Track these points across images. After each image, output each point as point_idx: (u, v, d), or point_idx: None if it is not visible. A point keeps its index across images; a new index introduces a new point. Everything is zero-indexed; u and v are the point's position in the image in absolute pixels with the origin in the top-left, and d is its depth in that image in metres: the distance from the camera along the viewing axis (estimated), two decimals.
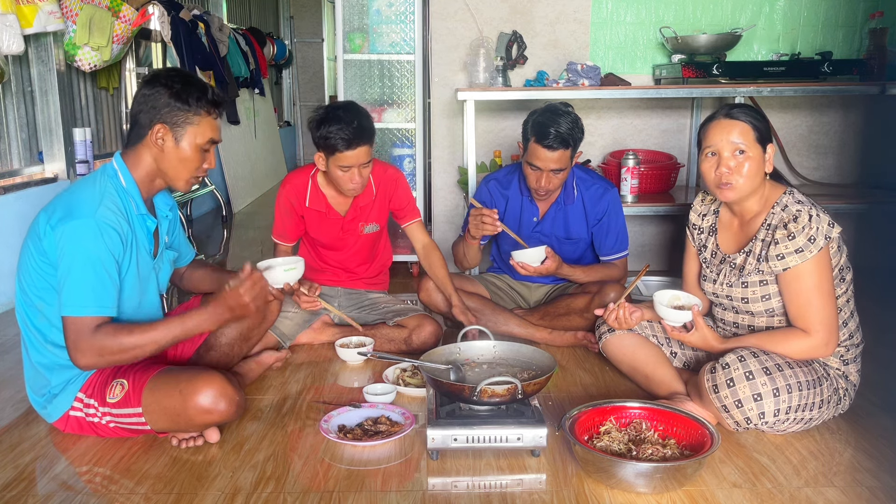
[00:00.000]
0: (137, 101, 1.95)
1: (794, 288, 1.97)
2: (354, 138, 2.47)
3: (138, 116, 1.94)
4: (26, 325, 1.97)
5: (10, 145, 3.69)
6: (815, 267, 1.94)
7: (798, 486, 1.76)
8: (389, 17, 3.78)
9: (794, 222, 1.95)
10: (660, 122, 3.90)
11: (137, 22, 4.16)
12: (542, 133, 2.52)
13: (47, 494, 1.75)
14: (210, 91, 1.98)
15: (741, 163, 1.99)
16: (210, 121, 1.98)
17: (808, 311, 1.96)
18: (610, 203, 2.79)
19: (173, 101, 1.92)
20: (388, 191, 2.78)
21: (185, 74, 2.00)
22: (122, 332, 1.83)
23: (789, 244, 1.95)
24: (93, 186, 1.91)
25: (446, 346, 2.16)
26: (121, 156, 1.99)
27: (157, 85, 1.93)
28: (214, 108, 1.99)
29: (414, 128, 3.86)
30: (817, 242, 1.93)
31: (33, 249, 1.88)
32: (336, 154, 2.50)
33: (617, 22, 3.79)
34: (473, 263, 2.89)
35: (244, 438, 2.01)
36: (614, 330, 2.33)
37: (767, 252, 2.00)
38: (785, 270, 1.97)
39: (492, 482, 1.79)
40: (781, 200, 2.02)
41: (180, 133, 1.94)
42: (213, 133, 1.99)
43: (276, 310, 2.42)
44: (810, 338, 1.96)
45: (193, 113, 1.94)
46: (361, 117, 2.51)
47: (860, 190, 3.72)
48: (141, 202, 1.98)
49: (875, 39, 3.50)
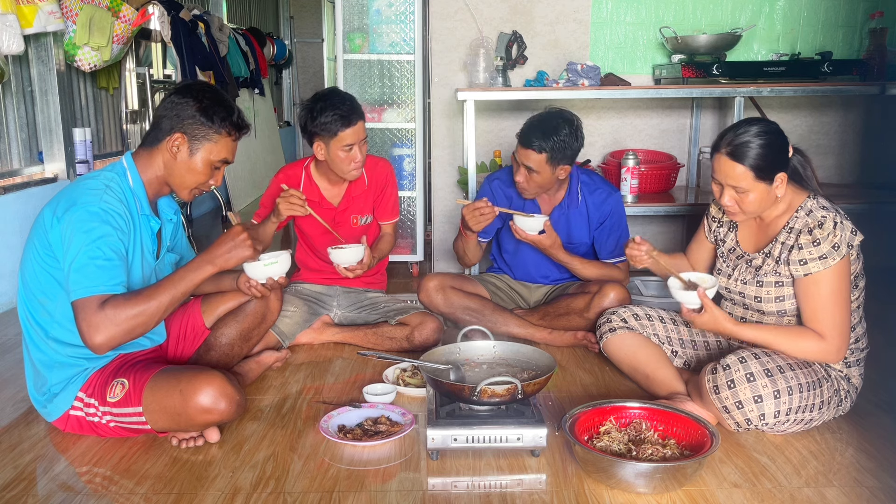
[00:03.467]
0: (165, 106, 1.97)
1: (812, 292, 1.96)
2: (350, 115, 2.58)
3: (161, 121, 1.97)
4: (28, 321, 1.97)
5: (10, 145, 3.69)
6: (836, 275, 1.93)
7: (798, 486, 1.76)
8: (389, 17, 3.78)
9: (820, 228, 1.94)
10: (660, 122, 3.90)
11: (137, 22, 4.16)
12: (525, 131, 2.61)
13: (47, 494, 1.75)
14: (237, 114, 2.01)
15: (743, 198, 1.99)
16: (228, 142, 2.01)
17: (824, 317, 1.95)
18: (613, 207, 2.79)
19: (199, 114, 1.94)
20: (379, 184, 2.84)
21: (218, 93, 2.03)
22: (129, 299, 1.81)
23: (813, 250, 1.94)
24: (97, 179, 1.92)
25: (446, 346, 2.16)
26: (132, 156, 2.01)
27: (187, 95, 1.96)
28: (236, 131, 2.02)
29: (414, 128, 3.86)
30: (840, 250, 1.92)
31: (38, 243, 1.89)
32: (338, 135, 2.59)
33: (617, 22, 3.79)
34: (475, 259, 2.89)
35: (244, 438, 2.01)
36: (615, 330, 2.33)
37: (789, 255, 1.99)
38: (806, 276, 1.96)
39: (492, 482, 1.79)
40: (806, 205, 2.01)
41: (196, 146, 1.96)
42: (227, 154, 2.02)
43: (276, 309, 2.42)
44: (823, 342, 1.94)
45: (215, 131, 1.97)
46: (348, 97, 2.64)
47: (860, 190, 3.72)
48: (146, 203, 1.99)
49: (875, 39, 3.50)
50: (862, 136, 3.92)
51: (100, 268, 1.80)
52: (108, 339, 1.79)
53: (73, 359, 1.96)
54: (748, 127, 1.98)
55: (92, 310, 1.77)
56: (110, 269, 1.82)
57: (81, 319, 1.78)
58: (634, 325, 2.33)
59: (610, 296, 2.61)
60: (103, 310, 1.77)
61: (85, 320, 1.77)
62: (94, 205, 1.84)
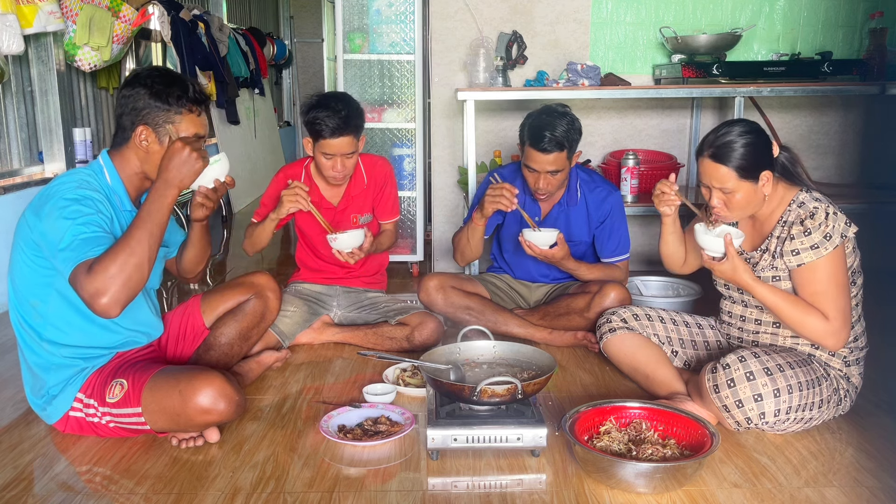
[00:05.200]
0: (119, 103, 1.91)
1: (808, 279, 1.96)
2: (339, 127, 2.54)
3: (121, 119, 1.92)
4: (21, 326, 1.96)
5: (10, 145, 3.69)
6: (830, 263, 1.94)
7: (798, 486, 1.76)
8: (389, 17, 3.78)
9: (811, 219, 1.95)
10: (660, 122, 3.90)
11: (137, 22, 4.16)
12: (537, 137, 2.54)
13: (47, 494, 1.75)
14: (191, 88, 1.93)
15: (730, 199, 2.00)
16: (192, 117, 1.93)
17: (825, 301, 1.94)
18: (613, 206, 2.79)
19: (153, 101, 1.88)
20: (378, 183, 2.83)
21: (166, 73, 1.95)
22: (109, 252, 1.74)
23: (805, 240, 1.95)
24: (72, 176, 1.89)
25: (446, 346, 2.16)
26: (108, 154, 1.96)
27: (136, 85, 1.89)
28: (196, 105, 1.94)
29: (414, 128, 3.86)
30: (833, 240, 1.93)
31: (24, 245, 1.87)
32: (320, 140, 2.58)
33: (617, 22, 3.79)
34: (476, 253, 2.83)
35: (244, 438, 2.01)
36: (615, 330, 2.33)
37: (782, 248, 2.00)
38: (799, 266, 1.96)
39: (492, 482, 1.79)
40: (798, 198, 2.02)
41: (163, 133, 1.90)
42: (196, 128, 1.94)
43: (276, 308, 2.43)
44: (828, 323, 1.93)
45: (174, 112, 1.89)
46: (351, 108, 2.58)
47: (860, 190, 3.72)
48: (126, 199, 1.96)
49: (875, 39, 3.50)
50: (862, 136, 3.92)
51: (85, 240, 1.75)
52: (112, 296, 1.70)
53: (69, 359, 1.95)
54: (729, 128, 2.00)
55: (83, 276, 1.71)
56: (96, 240, 1.76)
57: (79, 289, 1.72)
58: (634, 325, 2.33)
59: (610, 296, 2.61)
60: (93, 271, 1.70)
61: (82, 288, 1.71)
62: (71, 192, 1.81)
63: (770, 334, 2.13)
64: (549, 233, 2.57)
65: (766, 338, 2.14)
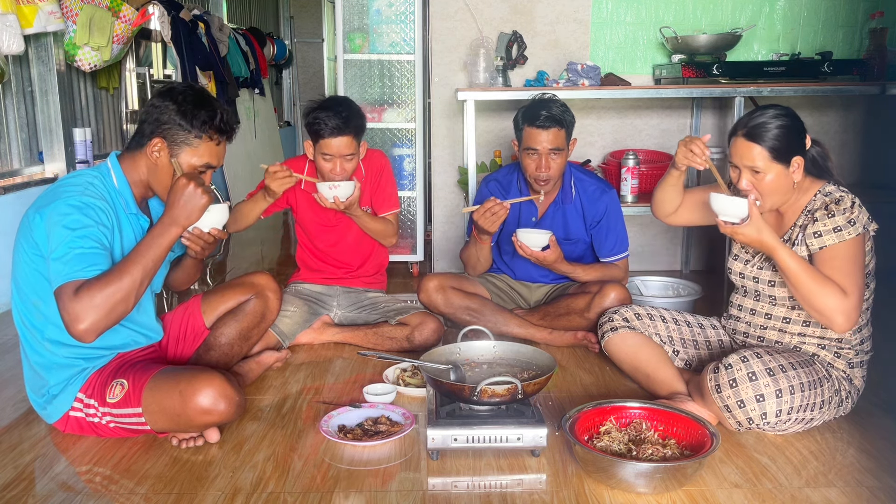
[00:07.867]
0: (146, 110, 1.92)
1: (830, 259, 1.94)
2: (338, 127, 2.55)
3: (143, 125, 1.92)
4: (24, 325, 1.96)
5: (10, 145, 3.69)
6: (852, 246, 1.94)
7: (798, 487, 1.76)
8: (389, 17, 3.78)
9: (836, 205, 1.96)
10: (660, 122, 3.90)
11: (137, 22, 4.16)
12: (534, 115, 2.58)
13: (47, 494, 1.74)
14: (220, 116, 1.92)
15: (758, 181, 1.99)
16: (211, 146, 1.93)
17: (845, 278, 1.92)
18: (608, 204, 2.78)
19: (178, 118, 1.88)
20: (375, 174, 2.85)
21: (202, 94, 1.94)
22: (101, 279, 1.73)
23: (828, 222, 1.95)
24: (79, 178, 1.90)
25: (446, 346, 2.16)
26: (117, 157, 1.97)
27: (167, 99, 1.89)
28: (218, 135, 1.93)
29: (414, 128, 3.86)
30: (857, 227, 1.93)
31: (25, 245, 1.87)
32: (320, 141, 2.59)
33: (617, 22, 3.79)
34: (487, 265, 2.88)
35: (244, 438, 2.01)
36: (617, 328, 2.33)
37: (804, 234, 2.00)
38: (821, 249, 1.96)
39: (492, 482, 1.78)
40: (825, 189, 2.03)
41: (177, 151, 1.90)
42: (210, 158, 1.94)
43: (276, 309, 2.43)
44: (845, 298, 1.89)
45: (195, 136, 1.89)
46: (352, 111, 2.61)
47: (860, 190, 3.69)
48: (133, 202, 1.96)
49: (875, 39, 3.50)
50: (862, 136, 3.92)
51: (79, 255, 1.75)
52: (91, 324, 1.70)
53: (71, 359, 1.95)
54: (765, 110, 2.00)
55: (68, 297, 1.70)
56: (90, 257, 1.76)
57: (61, 308, 1.71)
58: (636, 324, 2.33)
59: (610, 296, 2.61)
60: (78, 296, 1.70)
61: (64, 309, 1.70)
62: (75, 198, 1.81)
63: (777, 331, 2.12)
64: (542, 234, 2.58)
65: (773, 335, 2.13)
